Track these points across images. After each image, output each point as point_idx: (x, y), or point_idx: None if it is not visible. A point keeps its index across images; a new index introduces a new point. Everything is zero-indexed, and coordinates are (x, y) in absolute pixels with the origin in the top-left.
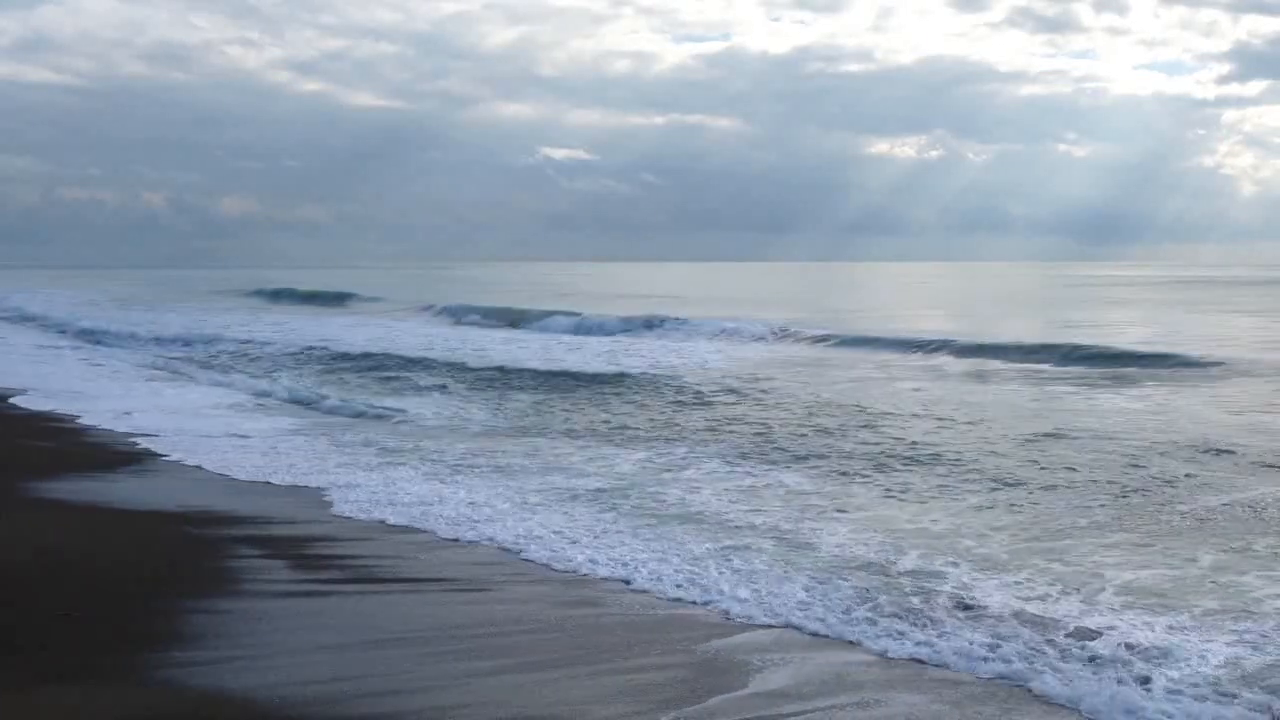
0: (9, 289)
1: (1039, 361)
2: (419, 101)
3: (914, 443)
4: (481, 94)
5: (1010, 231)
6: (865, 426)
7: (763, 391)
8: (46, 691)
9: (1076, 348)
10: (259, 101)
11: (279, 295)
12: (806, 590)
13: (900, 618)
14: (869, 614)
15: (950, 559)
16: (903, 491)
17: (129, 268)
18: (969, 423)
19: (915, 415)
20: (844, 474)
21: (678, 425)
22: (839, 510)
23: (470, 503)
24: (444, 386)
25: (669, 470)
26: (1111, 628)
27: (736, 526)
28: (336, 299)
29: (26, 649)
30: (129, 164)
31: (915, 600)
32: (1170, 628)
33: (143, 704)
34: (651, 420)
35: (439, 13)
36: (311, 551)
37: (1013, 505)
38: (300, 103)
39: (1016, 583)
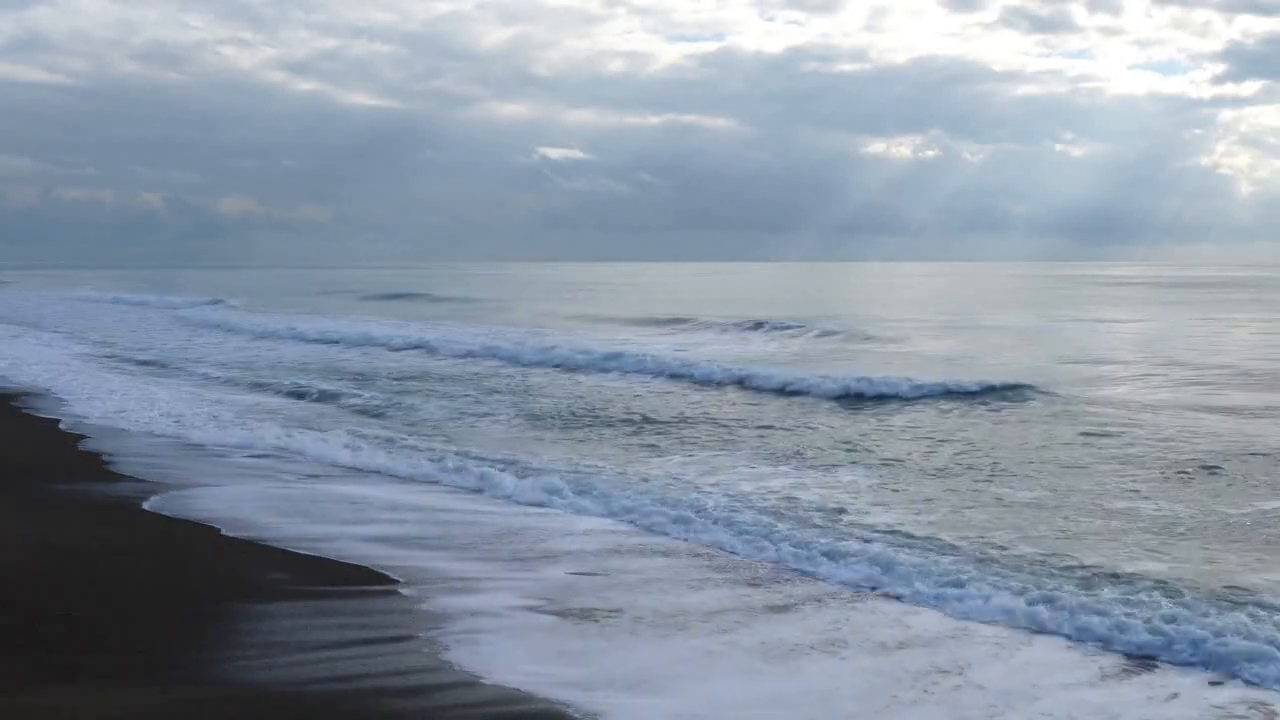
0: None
1: None
2: (414, 101)
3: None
4: (477, 94)
5: (1008, 231)
6: None
7: None
8: (46, 691)
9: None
10: (254, 101)
11: None
12: None
13: None
14: None
15: None
16: None
17: (128, 268)
18: None
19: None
20: None
21: None
22: None
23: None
24: None
25: None
26: None
27: None
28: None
29: (26, 649)
30: (126, 164)
31: None
32: None
33: (142, 703)
34: None
35: (432, 12)
36: (310, 550)
37: None
38: (296, 102)
39: None
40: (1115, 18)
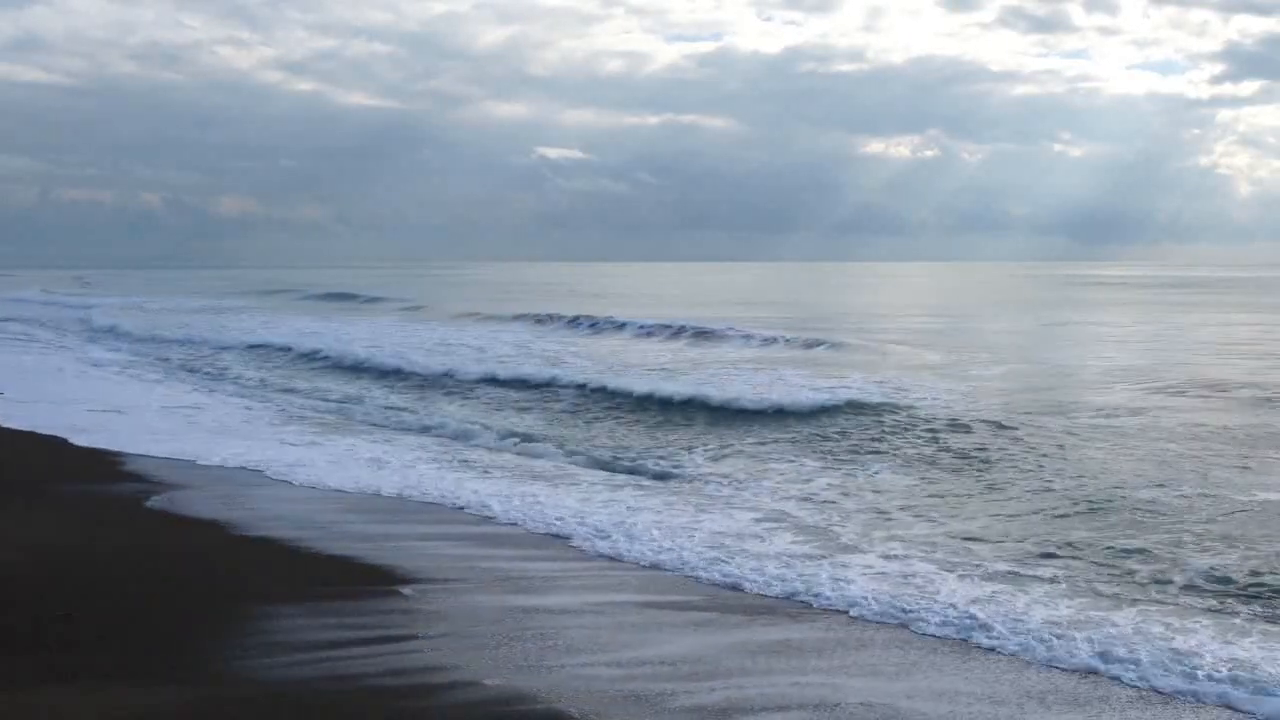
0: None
1: None
2: (412, 101)
3: None
4: (474, 94)
5: (1007, 231)
6: None
7: None
8: (46, 691)
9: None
10: (252, 101)
11: None
12: None
13: None
14: None
15: None
16: None
17: (128, 268)
18: None
19: None
20: None
21: None
22: None
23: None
24: None
25: None
26: None
27: None
28: None
29: (27, 649)
30: (125, 164)
31: None
32: None
33: (142, 703)
34: None
35: (428, 13)
36: (312, 551)
37: None
38: (294, 102)
39: None
40: (1112, 18)
